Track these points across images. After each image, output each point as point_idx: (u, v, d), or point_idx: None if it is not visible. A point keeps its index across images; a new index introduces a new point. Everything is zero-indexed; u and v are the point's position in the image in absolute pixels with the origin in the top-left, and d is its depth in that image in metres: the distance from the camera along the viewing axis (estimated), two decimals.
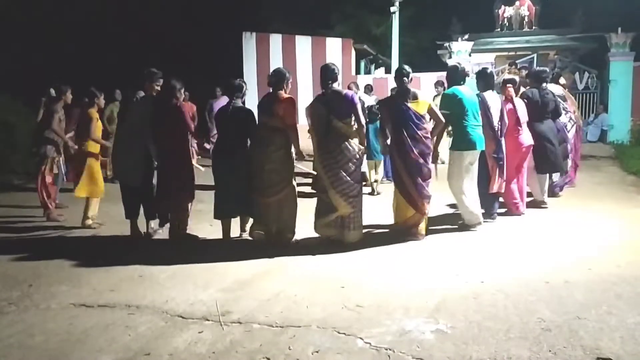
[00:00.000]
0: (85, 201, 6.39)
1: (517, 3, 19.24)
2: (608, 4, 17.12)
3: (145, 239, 5.84)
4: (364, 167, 7.55)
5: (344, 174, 5.27)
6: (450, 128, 6.12)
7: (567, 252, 5.06)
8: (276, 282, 4.38)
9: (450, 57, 15.17)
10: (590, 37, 16.98)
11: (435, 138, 5.79)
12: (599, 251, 5.05)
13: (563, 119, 7.62)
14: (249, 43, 14.75)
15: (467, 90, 5.97)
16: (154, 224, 5.93)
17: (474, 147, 5.85)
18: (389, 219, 5.93)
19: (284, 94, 5.44)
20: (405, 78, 5.61)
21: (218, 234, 5.74)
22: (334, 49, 14.39)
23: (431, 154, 5.64)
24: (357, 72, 16.46)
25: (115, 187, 6.36)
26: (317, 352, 3.17)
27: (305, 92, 13.84)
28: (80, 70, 13.29)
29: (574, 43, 18.02)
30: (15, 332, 3.56)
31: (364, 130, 5.47)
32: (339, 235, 5.40)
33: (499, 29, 19.43)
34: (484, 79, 6.33)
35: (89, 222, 6.35)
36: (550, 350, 3.10)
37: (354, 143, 5.33)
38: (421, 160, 5.52)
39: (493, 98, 6.22)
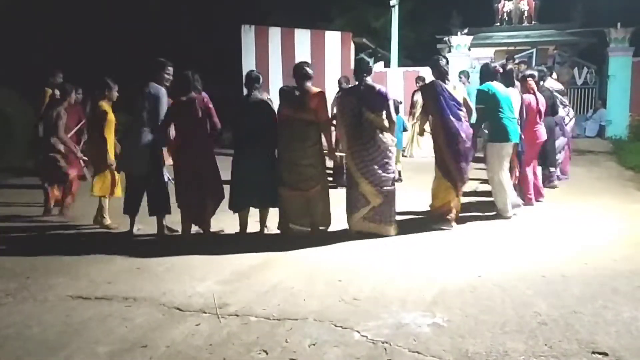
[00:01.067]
0: (100, 200, 6.01)
1: None
2: None
3: (136, 236, 5.64)
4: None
5: (375, 166, 5.32)
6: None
7: (565, 246, 5.07)
8: (274, 275, 4.39)
9: (449, 51, 15.13)
10: (589, 32, 16.94)
11: None
12: (597, 245, 5.06)
13: (561, 112, 7.80)
14: (248, 36, 14.67)
15: (500, 86, 6.25)
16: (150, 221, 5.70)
17: (511, 139, 6.12)
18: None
19: (313, 87, 5.44)
20: (441, 62, 5.88)
21: (217, 227, 5.74)
22: (333, 42, 14.32)
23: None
24: None
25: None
26: (314, 344, 3.18)
27: None
28: (76, 61, 13.22)
29: (573, 38, 17.99)
30: (13, 323, 3.57)
31: (395, 125, 5.53)
32: (376, 229, 5.42)
33: (498, 24, 19.38)
34: (504, 75, 6.53)
35: (107, 221, 6.03)
36: (546, 344, 3.11)
37: (386, 135, 5.38)
38: (468, 144, 5.72)
39: (512, 94, 6.40)
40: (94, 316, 3.64)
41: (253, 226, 5.64)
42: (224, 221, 5.80)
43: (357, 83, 5.48)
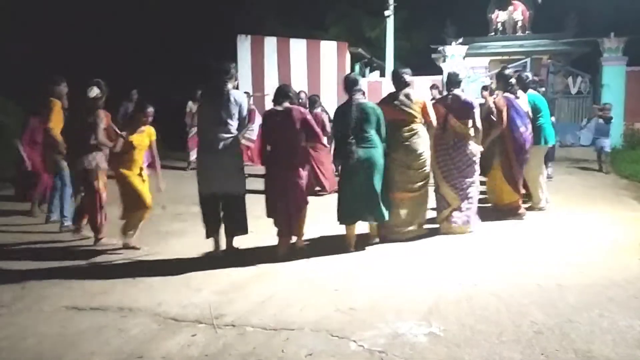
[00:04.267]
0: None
1: (511, 8, 19.34)
2: (601, 9, 17.23)
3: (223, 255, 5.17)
4: None
5: (456, 170, 5.76)
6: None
7: (561, 255, 5.08)
8: (270, 285, 4.38)
9: (444, 60, 15.23)
10: (583, 41, 17.08)
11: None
12: (592, 254, 5.07)
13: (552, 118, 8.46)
14: (244, 45, 14.73)
15: (537, 94, 7.10)
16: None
17: (550, 142, 7.01)
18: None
19: (415, 93, 5.61)
20: (511, 80, 6.55)
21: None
22: (329, 52, 14.40)
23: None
24: None
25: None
26: (310, 355, 3.17)
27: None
28: (75, 72, 13.24)
29: (567, 47, 18.13)
30: (7, 335, 3.55)
31: (480, 133, 5.90)
32: (455, 230, 5.80)
33: (492, 33, 19.52)
34: (521, 83, 6.96)
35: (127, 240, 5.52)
36: (542, 354, 3.11)
37: (471, 142, 5.79)
38: (528, 155, 6.50)
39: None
40: (90, 327, 3.62)
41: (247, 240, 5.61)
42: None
43: (446, 93, 6.01)
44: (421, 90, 12.90)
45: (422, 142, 5.50)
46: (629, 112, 13.98)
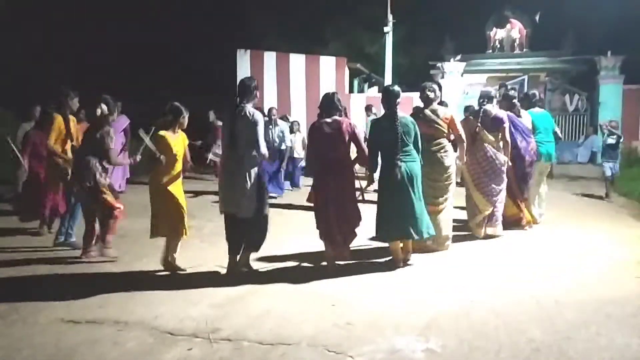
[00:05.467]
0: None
1: (509, 26, 19.51)
2: (598, 27, 17.41)
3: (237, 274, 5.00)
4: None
5: (487, 179, 6.19)
6: None
7: (558, 271, 5.08)
8: (267, 299, 4.36)
9: (442, 77, 15.34)
10: (580, 59, 17.22)
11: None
12: (590, 271, 5.08)
13: None
14: (243, 60, 14.82)
15: (539, 112, 7.34)
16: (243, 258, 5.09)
17: (545, 159, 7.13)
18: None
19: (443, 108, 5.80)
20: (514, 101, 6.86)
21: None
22: (328, 67, 14.50)
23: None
24: (351, 90, 16.57)
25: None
26: None
27: (298, 110, 13.87)
28: (76, 86, 13.28)
29: (564, 65, 18.25)
30: (2, 346, 3.52)
31: (509, 145, 6.30)
32: (491, 232, 6.28)
33: (490, 51, 19.66)
34: (527, 101, 7.42)
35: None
36: None
37: (499, 154, 6.19)
38: (531, 167, 6.81)
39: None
40: (85, 340, 3.59)
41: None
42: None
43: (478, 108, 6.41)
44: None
45: (449, 156, 5.65)
46: (626, 130, 14.02)
